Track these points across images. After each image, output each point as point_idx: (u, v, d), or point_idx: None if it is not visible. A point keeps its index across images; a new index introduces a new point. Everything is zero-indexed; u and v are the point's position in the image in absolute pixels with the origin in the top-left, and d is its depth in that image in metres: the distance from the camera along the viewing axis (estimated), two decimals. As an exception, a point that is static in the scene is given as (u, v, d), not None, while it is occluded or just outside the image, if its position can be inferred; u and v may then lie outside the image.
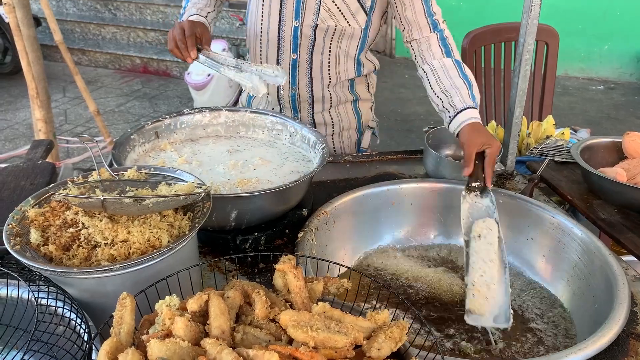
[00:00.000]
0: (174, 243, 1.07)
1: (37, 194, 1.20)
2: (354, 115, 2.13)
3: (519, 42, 1.79)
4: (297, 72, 1.94)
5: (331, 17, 1.83)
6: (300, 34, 1.87)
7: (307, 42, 1.89)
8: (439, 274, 1.56)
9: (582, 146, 1.91)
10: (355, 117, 2.14)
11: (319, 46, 1.90)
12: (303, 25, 1.85)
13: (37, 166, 1.67)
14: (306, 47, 1.89)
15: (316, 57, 1.92)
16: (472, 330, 1.37)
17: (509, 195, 1.67)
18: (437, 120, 1.77)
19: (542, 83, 3.03)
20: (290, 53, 1.91)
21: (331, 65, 1.94)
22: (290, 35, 1.89)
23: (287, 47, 1.91)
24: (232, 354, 0.81)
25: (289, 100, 2.01)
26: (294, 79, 1.96)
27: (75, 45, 7.30)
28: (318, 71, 1.94)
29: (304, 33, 1.87)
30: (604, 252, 1.43)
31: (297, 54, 1.91)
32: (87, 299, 1.05)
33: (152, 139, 1.68)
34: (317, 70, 1.94)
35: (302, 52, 1.90)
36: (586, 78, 7.13)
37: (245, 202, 1.39)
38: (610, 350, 1.18)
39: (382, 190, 1.69)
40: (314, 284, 1.04)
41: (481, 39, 2.94)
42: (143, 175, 1.29)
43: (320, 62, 1.93)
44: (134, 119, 5.73)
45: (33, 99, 3.56)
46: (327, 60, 1.93)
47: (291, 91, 1.99)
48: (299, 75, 1.95)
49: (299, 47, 1.90)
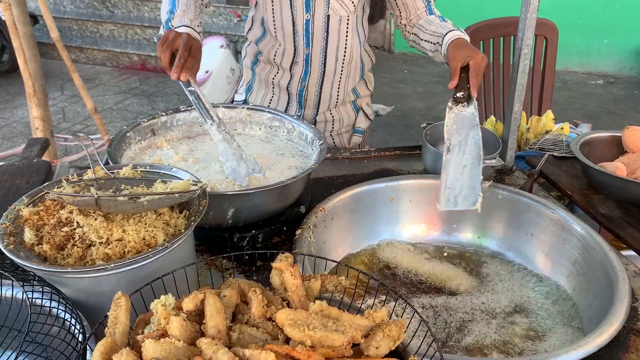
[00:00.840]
0: (170, 242, 1.06)
1: (32, 192, 1.18)
2: (354, 113, 2.13)
3: (517, 36, 1.77)
4: (310, 68, 1.93)
5: (342, 6, 1.83)
6: (312, 27, 1.86)
7: (320, 36, 1.87)
8: (444, 268, 1.56)
9: (581, 141, 1.90)
10: (355, 114, 2.14)
11: (333, 41, 1.88)
12: (315, 17, 1.84)
13: (33, 165, 1.66)
14: (319, 41, 1.88)
15: (331, 54, 1.91)
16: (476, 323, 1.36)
17: (508, 190, 1.66)
18: (436, 115, 1.77)
19: (542, 78, 3.01)
20: (304, 47, 1.90)
21: (345, 62, 1.94)
22: (302, 28, 1.87)
23: (301, 41, 1.89)
24: (228, 354, 0.80)
25: (297, 94, 2.00)
26: (306, 75, 1.95)
27: (73, 43, 7.27)
28: (332, 68, 1.93)
29: (316, 26, 1.86)
30: (604, 247, 1.42)
31: (309, 49, 1.90)
32: (82, 298, 1.04)
33: (148, 137, 1.66)
34: (331, 66, 1.93)
35: (315, 47, 1.89)
36: (586, 72, 7.11)
37: (242, 200, 1.38)
38: (611, 347, 1.17)
39: (380, 186, 1.68)
40: (311, 282, 1.03)
41: (480, 34, 2.92)
42: (138, 173, 1.28)
43: (335, 59, 1.91)
44: (132, 116, 5.71)
45: (30, 97, 3.55)
46: (342, 57, 1.92)
47: (300, 86, 1.98)
48: (311, 71, 1.94)
49: (311, 42, 1.89)
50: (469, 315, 1.40)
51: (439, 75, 6.81)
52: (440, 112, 5.73)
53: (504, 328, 1.37)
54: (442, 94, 6.27)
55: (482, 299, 1.46)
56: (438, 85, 6.53)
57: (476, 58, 1.58)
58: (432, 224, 1.71)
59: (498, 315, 1.41)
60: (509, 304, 1.45)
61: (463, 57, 1.60)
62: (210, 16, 7.17)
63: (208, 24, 7.14)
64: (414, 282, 1.51)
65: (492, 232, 1.68)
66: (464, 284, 1.51)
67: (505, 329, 1.37)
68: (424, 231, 1.71)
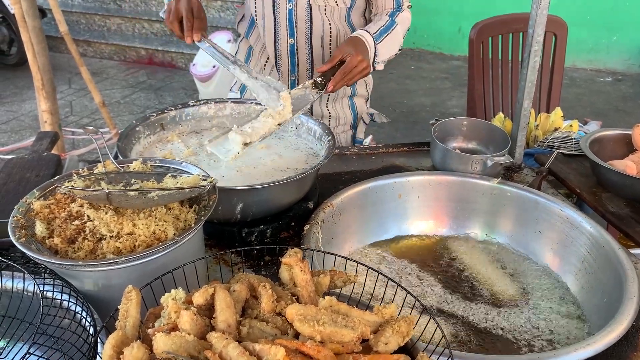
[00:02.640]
0: (180, 236, 1.06)
1: (42, 186, 1.19)
2: (350, 111, 2.12)
3: (528, 33, 1.76)
4: (297, 59, 1.92)
5: None
6: (295, 17, 1.85)
7: (304, 26, 1.86)
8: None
9: (591, 138, 1.89)
10: (351, 113, 2.13)
11: (317, 30, 1.87)
12: (297, 6, 1.83)
13: (42, 158, 1.67)
14: (303, 31, 1.87)
15: (316, 42, 1.89)
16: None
17: (516, 187, 1.66)
18: (443, 112, 1.77)
19: (550, 74, 3.00)
20: (288, 38, 1.89)
21: (332, 51, 1.92)
22: (285, 19, 1.86)
23: (284, 32, 1.88)
24: (238, 348, 0.81)
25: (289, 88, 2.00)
26: (294, 67, 1.94)
27: (81, 37, 7.27)
28: (320, 57, 1.92)
29: (299, 15, 1.85)
30: (613, 245, 1.41)
31: (294, 39, 1.89)
32: (92, 291, 1.05)
33: (157, 131, 1.67)
34: (318, 56, 1.91)
35: (299, 37, 1.88)
36: (594, 69, 7.06)
37: (251, 195, 1.38)
38: (620, 345, 1.17)
39: (388, 182, 1.67)
40: (321, 277, 1.03)
41: (489, 30, 2.90)
42: (148, 168, 1.28)
43: (321, 47, 1.90)
44: (140, 110, 5.72)
45: (39, 90, 3.56)
46: (329, 45, 1.91)
47: (291, 78, 1.97)
48: (298, 62, 1.93)
49: (295, 32, 1.88)
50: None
51: (446, 71, 6.78)
52: (448, 109, 5.71)
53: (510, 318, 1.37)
54: (449, 90, 6.24)
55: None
56: (445, 81, 6.51)
57: (354, 59, 1.61)
58: (440, 221, 1.71)
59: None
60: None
61: (345, 51, 1.62)
62: (217, 10, 7.16)
63: (215, 18, 7.13)
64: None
65: (500, 230, 1.68)
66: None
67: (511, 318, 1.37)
68: (431, 228, 1.71)
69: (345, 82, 1.63)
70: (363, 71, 1.64)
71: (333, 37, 1.90)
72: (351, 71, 1.61)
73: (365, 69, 1.64)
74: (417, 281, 1.50)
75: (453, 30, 7.12)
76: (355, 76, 1.63)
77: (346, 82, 1.62)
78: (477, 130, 1.91)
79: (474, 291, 1.48)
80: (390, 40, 1.77)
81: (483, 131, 1.90)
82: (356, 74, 1.63)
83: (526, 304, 1.45)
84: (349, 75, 1.62)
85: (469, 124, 1.92)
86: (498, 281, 1.51)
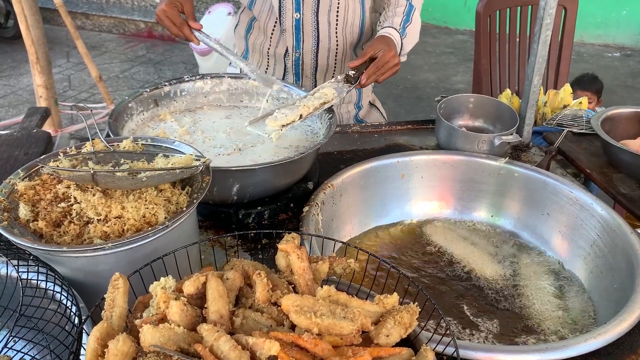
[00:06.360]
0: (171, 220, 1.01)
1: (28, 165, 1.13)
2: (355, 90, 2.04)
3: (539, 5, 1.67)
4: (302, 35, 1.85)
5: None
6: None
7: (311, 0, 1.79)
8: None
9: (602, 117, 1.82)
10: (357, 92, 2.05)
11: (325, 4, 1.80)
12: None
13: (32, 135, 1.61)
14: (310, 5, 1.79)
15: (322, 17, 1.82)
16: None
17: (524, 168, 1.60)
18: (448, 87, 1.71)
19: (559, 49, 2.90)
20: (293, 13, 1.81)
21: (339, 27, 1.85)
22: None
23: (289, 6, 1.80)
24: (230, 342, 0.76)
25: (293, 65, 1.92)
26: (299, 42, 1.87)
27: (79, 9, 7.13)
28: (325, 33, 1.84)
29: None
30: (626, 230, 1.36)
31: (300, 14, 1.81)
32: (78, 278, 0.99)
33: (151, 107, 1.60)
34: (324, 32, 1.84)
35: (306, 12, 1.81)
36: (602, 45, 6.91)
37: (248, 176, 1.32)
38: (632, 335, 1.12)
39: (391, 162, 1.61)
40: (319, 264, 0.97)
41: (496, 3, 2.80)
42: (139, 147, 1.22)
43: (327, 23, 1.83)
44: (139, 85, 5.63)
45: (33, 64, 3.48)
46: (335, 20, 1.83)
47: (295, 55, 1.90)
48: (303, 37, 1.85)
49: (302, 6, 1.80)
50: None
51: (452, 46, 6.64)
52: (453, 84, 5.60)
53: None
54: (454, 65, 6.12)
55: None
56: (450, 56, 6.38)
57: (387, 54, 1.60)
58: (444, 202, 1.66)
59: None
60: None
61: (377, 48, 1.62)
62: (217, -18, 7.01)
63: (215, -10, 6.98)
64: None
65: (506, 211, 1.62)
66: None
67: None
68: (435, 209, 1.65)
69: (377, 77, 1.61)
70: (394, 67, 1.63)
71: (340, 11, 1.82)
72: (384, 66, 1.60)
73: (396, 65, 1.63)
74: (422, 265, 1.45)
75: (459, 3, 6.95)
76: (387, 72, 1.62)
77: (377, 76, 1.61)
78: (484, 107, 1.84)
79: (469, 275, 1.43)
80: (411, 30, 1.77)
81: (490, 109, 1.83)
82: (387, 70, 1.62)
83: (532, 292, 1.40)
84: (382, 70, 1.61)
85: (475, 101, 1.85)
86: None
